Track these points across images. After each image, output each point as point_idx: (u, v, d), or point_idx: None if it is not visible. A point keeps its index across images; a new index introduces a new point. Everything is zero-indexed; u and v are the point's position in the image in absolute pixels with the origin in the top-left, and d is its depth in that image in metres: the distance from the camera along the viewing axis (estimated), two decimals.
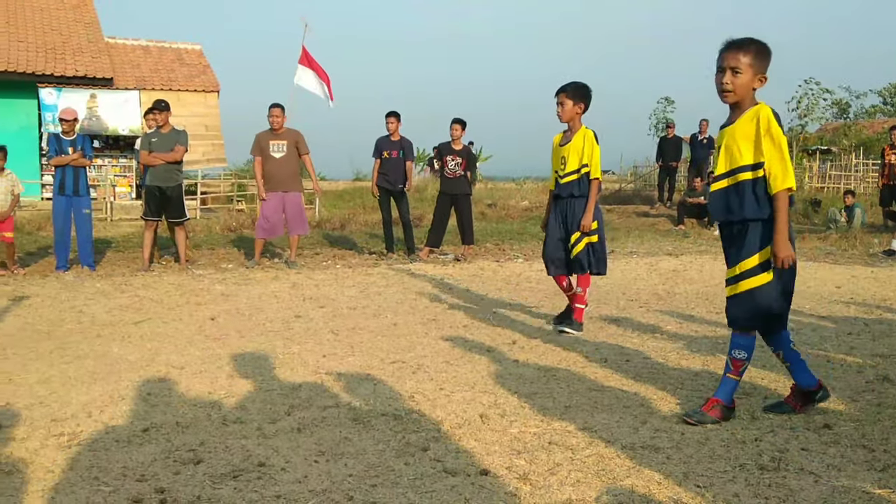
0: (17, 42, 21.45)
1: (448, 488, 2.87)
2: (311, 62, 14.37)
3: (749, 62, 3.52)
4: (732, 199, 3.62)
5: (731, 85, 3.55)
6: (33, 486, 2.83)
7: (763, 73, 3.56)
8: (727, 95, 3.59)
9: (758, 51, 3.54)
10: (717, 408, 3.66)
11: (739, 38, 3.58)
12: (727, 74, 3.55)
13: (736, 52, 3.54)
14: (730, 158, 3.63)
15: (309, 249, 11.96)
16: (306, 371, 4.64)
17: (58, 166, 9.17)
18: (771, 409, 3.88)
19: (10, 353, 5.05)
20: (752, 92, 3.59)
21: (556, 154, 5.84)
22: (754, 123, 3.52)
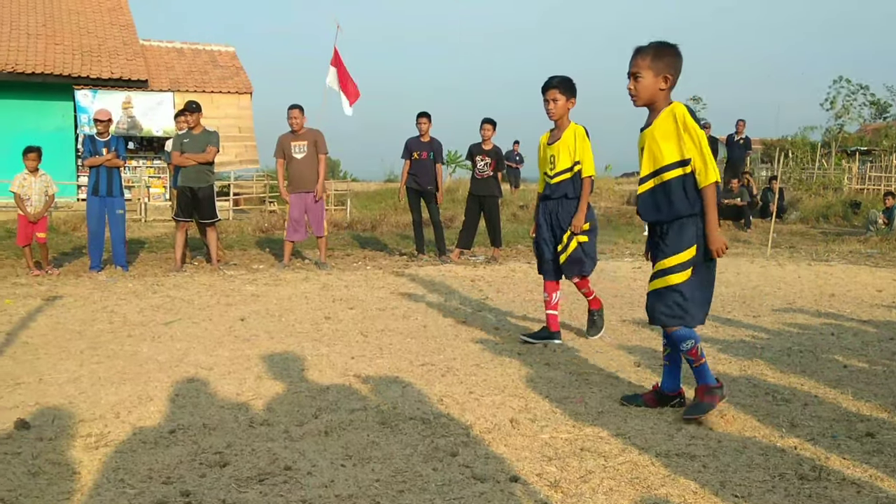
0: (53, 45, 21.78)
1: (477, 495, 2.80)
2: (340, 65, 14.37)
3: (648, 65, 3.64)
4: (661, 199, 3.70)
5: (634, 90, 3.71)
6: (59, 488, 2.81)
7: (666, 73, 3.65)
8: (633, 100, 3.74)
9: (656, 53, 3.65)
10: (706, 393, 3.66)
11: (644, 44, 3.70)
12: (631, 80, 3.71)
13: (636, 57, 3.68)
14: (653, 159, 3.72)
15: (339, 250, 11.97)
16: (334, 373, 4.60)
17: (92, 167, 9.25)
18: (628, 400, 3.98)
19: (41, 353, 5.08)
20: (660, 93, 3.69)
21: (545, 154, 5.47)
22: (672, 121, 3.62)
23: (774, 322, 6.34)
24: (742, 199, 16.18)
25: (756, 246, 13.06)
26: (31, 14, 22.89)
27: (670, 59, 3.66)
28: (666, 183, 3.66)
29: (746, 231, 15.66)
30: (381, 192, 26.53)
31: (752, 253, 11.94)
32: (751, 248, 12.68)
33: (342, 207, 20.70)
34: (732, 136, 17.93)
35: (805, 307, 7.10)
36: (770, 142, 31.45)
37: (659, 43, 3.66)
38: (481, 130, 10.59)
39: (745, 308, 7.00)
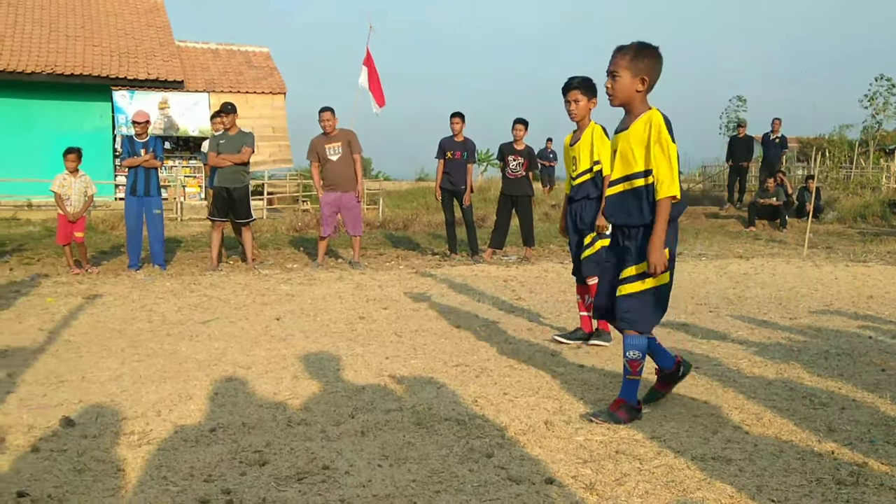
0: (91, 46, 22.14)
1: (513, 496, 2.82)
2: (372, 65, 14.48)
3: (626, 65, 3.63)
4: (631, 204, 3.70)
5: (611, 89, 3.70)
6: (104, 485, 2.88)
7: (644, 75, 3.63)
8: (610, 99, 3.74)
9: (636, 54, 3.63)
10: (623, 408, 3.69)
11: (625, 44, 3.68)
12: (609, 79, 3.70)
13: (616, 56, 3.67)
14: (625, 164, 3.72)
15: (372, 250, 12.04)
16: (370, 373, 4.64)
17: (130, 167, 9.41)
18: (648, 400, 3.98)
19: (83, 351, 5.19)
20: (637, 94, 3.67)
21: (567, 155, 5.48)
22: (647, 130, 3.60)
23: (811, 324, 6.28)
24: (778, 198, 16.01)
25: (792, 246, 12.91)
26: (70, 16, 23.29)
27: (650, 60, 3.65)
28: (637, 189, 3.68)
29: (782, 231, 15.49)
30: (413, 190, 26.63)
31: (788, 253, 11.81)
32: (787, 249, 12.54)
33: (374, 206, 20.82)
34: (768, 134, 17.73)
35: (842, 309, 7.02)
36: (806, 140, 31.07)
37: (640, 44, 3.66)
38: (513, 130, 10.59)
39: (782, 310, 6.94)
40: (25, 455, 3.18)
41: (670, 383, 4.01)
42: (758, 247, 12.85)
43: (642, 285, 3.66)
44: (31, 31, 22.08)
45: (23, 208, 19.11)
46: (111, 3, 24.62)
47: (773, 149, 17.63)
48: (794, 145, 28.32)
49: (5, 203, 19.24)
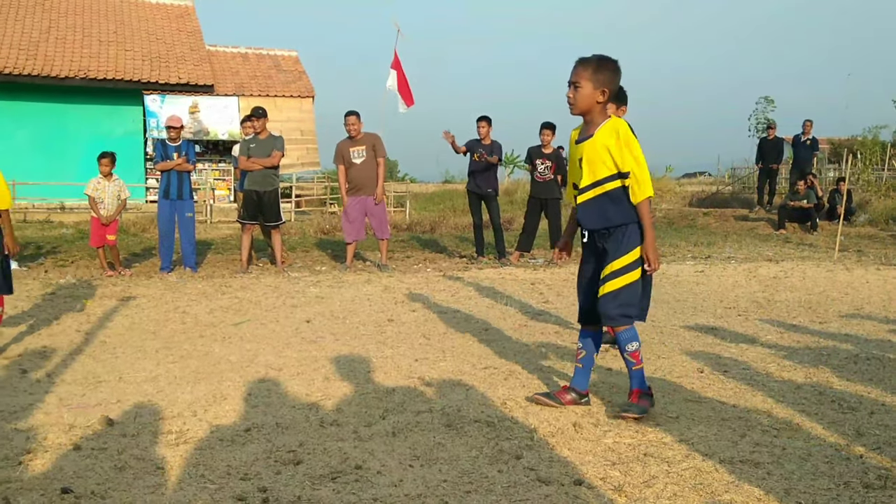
0: (123, 51, 22.47)
1: (542, 497, 2.86)
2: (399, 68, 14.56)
3: (588, 76, 3.76)
4: (608, 207, 3.82)
5: (572, 98, 3.83)
6: (145, 482, 2.97)
7: (604, 87, 3.77)
8: (570, 108, 3.86)
9: (598, 66, 3.77)
10: (643, 397, 3.85)
11: (587, 55, 3.83)
12: (570, 89, 3.83)
13: (578, 68, 3.80)
14: (593, 171, 3.84)
15: (400, 252, 12.12)
16: (399, 375, 4.71)
17: (163, 171, 9.56)
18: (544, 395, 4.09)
19: (119, 353, 5.30)
20: (597, 105, 3.81)
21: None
22: (614, 136, 3.75)
23: (841, 328, 6.25)
24: (808, 201, 15.86)
25: (822, 249, 12.80)
26: (103, 21, 23.65)
27: (610, 73, 3.80)
28: (609, 192, 3.81)
29: (813, 234, 15.35)
30: (439, 193, 26.71)
31: (818, 257, 11.71)
32: (817, 252, 12.43)
33: (401, 209, 20.93)
34: (799, 136, 17.57)
35: (873, 313, 6.97)
36: (838, 141, 30.70)
37: (601, 57, 3.82)
38: (541, 135, 10.63)
39: (811, 314, 6.90)
40: (67, 453, 3.28)
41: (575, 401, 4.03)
42: (788, 250, 12.76)
43: (623, 281, 3.79)
44: (64, 37, 22.47)
45: (56, 211, 19.44)
46: (143, 8, 24.97)
47: (803, 150, 17.47)
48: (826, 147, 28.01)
49: (39, 206, 19.59)
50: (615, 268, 3.80)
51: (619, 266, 3.79)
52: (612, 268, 3.81)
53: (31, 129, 21.31)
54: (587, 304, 4.00)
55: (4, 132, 20.57)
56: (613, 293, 3.80)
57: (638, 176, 3.73)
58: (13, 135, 20.92)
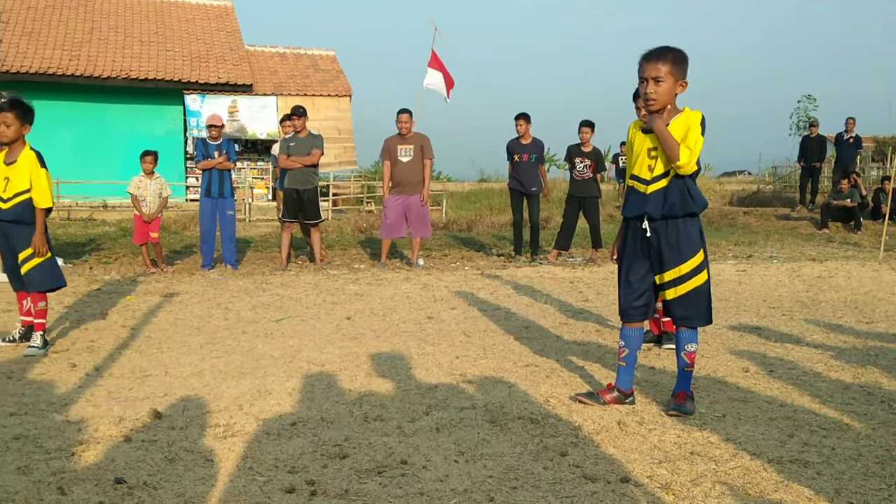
0: (164, 51, 22.80)
1: (588, 494, 2.85)
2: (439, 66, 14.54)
3: (669, 70, 3.70)
4: (675, 196, 3.77)
5: (655, 94, 3.72)
6: (195, 474, 3.01)
7: (683, 79, 3.75)
8: (652, 104, 3.75)
9: (675, 58, 3.72)
10: (689, 399, 3.86)
11: (656, 48, 3.76)
12: (650, 84, 3.73)
13: (655, 62, 3.72)
14: (665, 160, 3.76)
15: (437, 251, 12.14)
16: (441, 372, 4.71)
17: (204, 170, 9.67)
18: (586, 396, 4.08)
19: (164, 348, 5.38)
20: (674, 98, 3.78)
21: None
22: (685, 128, 3.70)
23: (889, 328, 6.13)
24: (852, 199, 15.60)
25: (867, 249, 12.57)
26: (144, 22, 24.02)
27: (686, 65, 3.76)
28: (679, 181, 3.77)
29: (857, 233, 15.09)
30: (475, 192, 26.69)
31: (863, 256, 11.50)
32: (861, 252, 12.21)
33: (438, 208, 20.95)
34: (842, 134, 17.29)
35: None
36: (883, 139, 30.11)
37: (674, 49, 3.76)
38: (580, 133, 10.59)
39: (857, 314, 6.78)
40: (119, 444, 3.34)
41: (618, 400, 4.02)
42: (831, 249, 12.56)
43: (694, 283, 3.77)
44: (106, 37, 22.85)
45: (98, 209, 19.79)
46: (183, 8, 25.31)
47: (846, 149, 17.18)
48: (870, 145, 27.50)
49: (82, 204, 19.94)
50: (684, 271, 3.78)
51: (687, 269, 3.77)
52: (679, 272, 3.78)
53: (74, 129, 21.70)
54: (633, 301, 3.94)
55: (48, 132, 20.85)
56: (685, 296, 3.79)
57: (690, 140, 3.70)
58: (56, 134, 21.29)
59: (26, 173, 5.21)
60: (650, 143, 3.82)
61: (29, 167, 5.21)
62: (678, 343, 3.91)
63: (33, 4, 23.43)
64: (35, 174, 5.23)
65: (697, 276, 3.78)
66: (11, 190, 5.19)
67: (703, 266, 3.80)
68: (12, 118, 5.14)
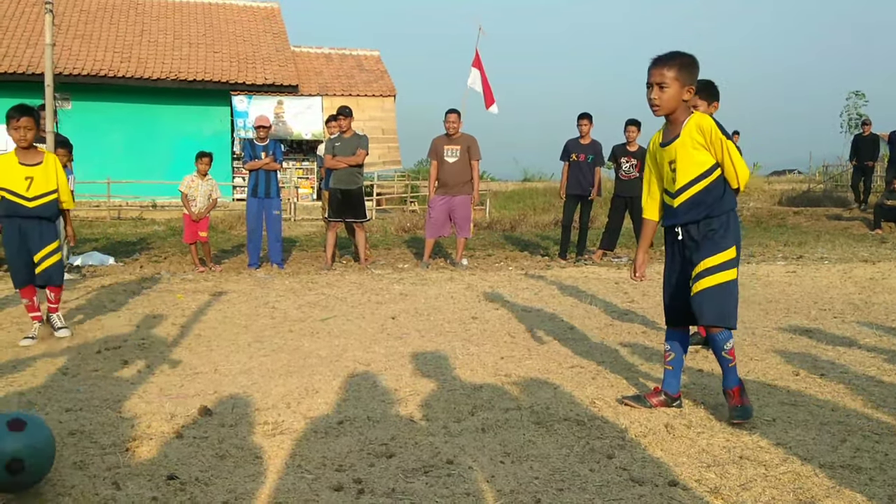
0: (212, 53, 23.15)
1: (636, 497, 2.84)
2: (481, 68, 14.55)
3: (674, 76, 3.66)
4: (706, 199, 3.72)
5: (658, 100, 3.70)
6: (245, 471, 3.06)
7: (691, 85, 3.70)
8: (656, 110, 3.74)
9: (682, 64, 3.67)
10: (743, 394, 3.75)
11: (664, 53, 3.72)
12: (654, 90, 3.70)
13: (661, 67, 3.68)
14: (687, 171, 3.72)
15: (481, 251, 12.14)
16: (486, 372, 4.72)
17: (252, 170, 9.80)
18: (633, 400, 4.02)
19: (213, 346, 5.47)
20: (682, 104, 3.72)
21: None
22: (699, 133, 3.65)
23: None
24: None
25: None
26: (193, 24, 24.42)
27: (694, 70, 3.71)
28: (707, 187, 3.71)
29: None
30: (518, 191, 26.65)
31: None
32: None
33: (481, 207, 20.94)
34: (895, 132, 16.87)
35: None
36: None
37: (682, 54, 3.71)
38: (626, 132, 10.50)
39: None
40: (171, 441, 3.41)
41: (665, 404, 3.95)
42: (885, 250, 12.26)
43: (719, 278, 3.68)
44: (156, 39, 23.28)
45: (148, 209, 20.17)
46: (231, 10, 25.68)
47: None
48: None
49: (132, 203, 20.35)
50: (710, 265, 3.70)
51: (714, 263, 3.69)
52: (706, 264, 3.71)
53: (124, 130, 22.17)
54: (675, 304, 3.92)
55: (99, 132, 21.44)
56: (709, 290, 3.69)
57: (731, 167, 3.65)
58: (107, 135, 21.80)
59: (53, 175, 5.59)
60: (668, 156, 3.80)
61: (56, 170, 5.62)
62: (714, 347, 3.81)
63: (85, 7, 23.98)
64: (61, 177, 5.65)
65: (725, 272, 3.69)
66: (36, 190, 5.52)
67: (733, 264, 3.72)
68: (32, 123, 5.47)
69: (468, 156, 9.88)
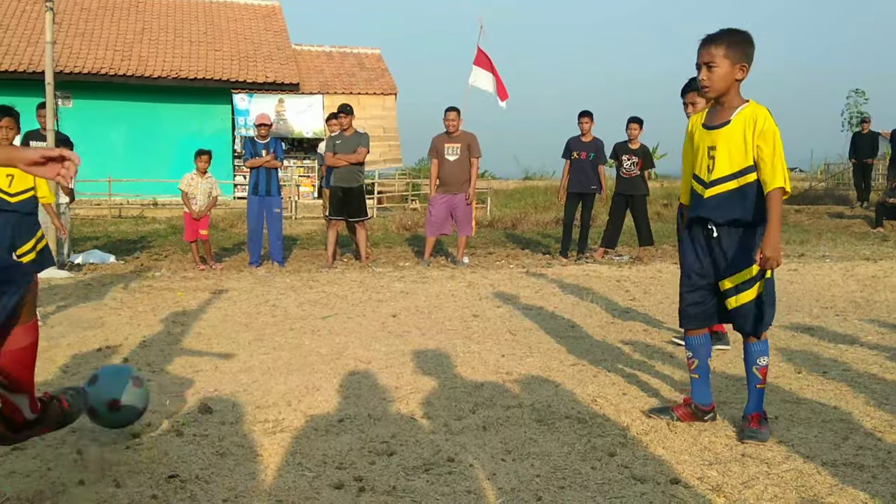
0: (213, 51, 23.13)
1: (638, 495, 2.83)
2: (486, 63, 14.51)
3: (723, 54, 3.45)
4: (743, 201, 3.49)
5: (707, 80, 3.50)
6: (246, 469, 3.05)
7: (742, 63, 3.47)
8: (706, 91, 3.55)
9: (731, 41, 3.46)
10: (763, 421, 3.52)
11: (715, 31, 3.51)
12: (703, 70, 3.50)
13: (708, 46, 3.48)
14: (731, 161, 3.50)
15: (482, 249, 12.12)
16: (487, 370, 4.71)
17: (252, 168, 9.79)
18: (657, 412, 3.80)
19: (214, 343, 5.46)
20: (735, 84, 3.51)
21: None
22: (752, 124, 3.43)
23: None
24: None
25: None
26: (193, 23, 24.40)
27: (747, 46, 3.46)
28: (746, 186, 3.47)
29: None
30: (519, 190, 26.65)
31: None
32: None
33: (482, 206, 20.93)
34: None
35: None
36: None
37: (732, 30, 3.48)
38: (627, 130, 10.49)
39: None
40: (171, 439, 3.40)
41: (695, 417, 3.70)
42: (886, 249, 12.24)
43: (758, 289, 3.47)
44: (157, 38, 23.26)
45: (149, 207, 20.17)
46: (232, 9, 25.66)
47: None
48: None
49: (133, 202, 20.35)
50: (745, 278, 3.47)
51: (749, 276, 3.46)
52: (746, 275, 3.48)
53: (125, 128, 22.16)
54: (693, 304, 3.65)
55: (100, 130, 21.43)
56: (753, 303, 3.48)
57: (772, 165, 3.37)
58: (108, 133, 21.79)
59: None
60: (710, 140, 3.55)
61: None
62: (748, 358, 3.57)
63: (86, 6, 23.96)
64: None
65: (761, 283, 3.46)
66: (17, 186, 6.02)
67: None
68: (13, 123, 5.93)
69: (468, 153, 9.87)
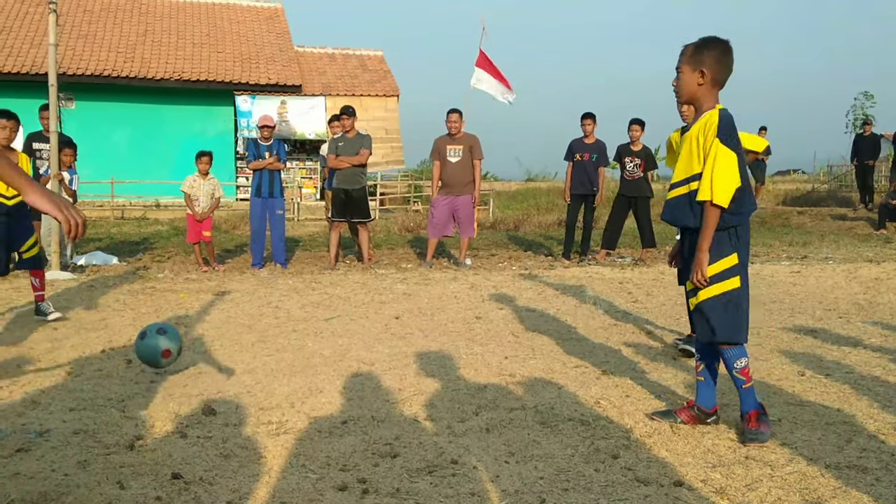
0: (216, 53, 23.15)
1: (641, 497, 2.83)
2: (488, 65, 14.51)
3: (685, 60, 3.56)
4: (687, 206, 3.53)
5: (675, 86, 3.65)
6: (249, 470, 3.06)
7: (701, 67, 3.52)
8: (676, 96, 3.70)
9: (692, 49, 3.56)
10: (760, 420, 3.50)
11: None
12: (676, 77, 3.64)
13: (681, 54, 3.61)
14: (687, 165, 3.56)
15: (484, 251, 12.12)
16: (490, 372, 4.71)
17: (255, 170, 9.80)
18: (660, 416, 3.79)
19: (217, 345, 5.46)
20: (699, 89, 3.55)
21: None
22: (704, 131, 3.47)
23: None
24: None
25: None
26: (196, 25, 24.43)
27: (710, 52, 3.50)
28: (695, 192, 3.46)
29: None
30: (521, 191, 26.65)
31: None
32: None
33: (485, 207, 20.94)
34: None
35: None
36: None
37: (703, 38, 3.56)
38: (629, 131, 10.48)
39: None
40: (175, 440, 3.40)
41: (698, 420, 3.69)
42: (889, 250, 12.23)
43: (719, 288, 3.44)
44: (160, 39, 23.28)
45: (151, 208, 20.19)
46: (234, 10, 25.68)
47: None
48: None
49: (136, 203, 20.37)
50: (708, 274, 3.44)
51: (713, 272, 3.43)
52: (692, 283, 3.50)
53: (128, 130, 22.18)
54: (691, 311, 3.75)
55: (102, 132, 21.46)
56: (709, 302, 3.46)
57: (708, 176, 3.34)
58: (111, 135, 21.82)
59: None
60: (681, 144, 3.67)
61: (27, 169, 6.10)
62: (725, 364, 3.56)
63: (89, 8, 23.99)
64: None
65: (727, 281, 3.43)
66: None
67: (735, 271, 3.44)
68: (14, 124, 6.05)
69: (471, 155, 9.87)
